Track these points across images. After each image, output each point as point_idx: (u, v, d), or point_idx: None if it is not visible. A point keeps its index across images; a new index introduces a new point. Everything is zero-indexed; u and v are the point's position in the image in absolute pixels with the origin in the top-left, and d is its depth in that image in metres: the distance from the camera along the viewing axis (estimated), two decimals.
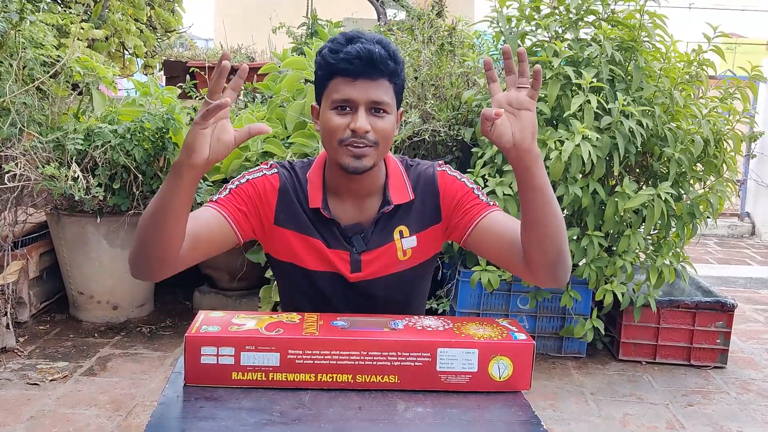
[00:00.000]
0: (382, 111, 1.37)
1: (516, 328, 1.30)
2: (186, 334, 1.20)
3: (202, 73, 4.67)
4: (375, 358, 1.21)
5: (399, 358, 1.21)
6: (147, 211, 1.28)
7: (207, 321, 1.26)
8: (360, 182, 1.45)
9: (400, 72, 1.41)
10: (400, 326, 1.27)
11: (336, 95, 1.37)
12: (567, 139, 2.80)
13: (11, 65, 3.10)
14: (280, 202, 1.47)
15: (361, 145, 1.36)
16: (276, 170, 1.49)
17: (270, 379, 1.20)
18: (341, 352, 1.20)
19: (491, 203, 1.48)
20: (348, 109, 1.37)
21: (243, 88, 4.59)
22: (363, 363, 1.21)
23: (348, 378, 1.21)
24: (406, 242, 1.49)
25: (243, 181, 1.46)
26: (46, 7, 3.88)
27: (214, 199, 1.44)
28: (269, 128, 1.19)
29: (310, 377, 1.21)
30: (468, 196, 1.48)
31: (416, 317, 1.33)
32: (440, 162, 1.56)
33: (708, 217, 3.16)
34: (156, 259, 1.34)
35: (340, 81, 1.36)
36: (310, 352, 1.20)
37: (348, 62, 1.34)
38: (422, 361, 1.21)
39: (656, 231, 3.23)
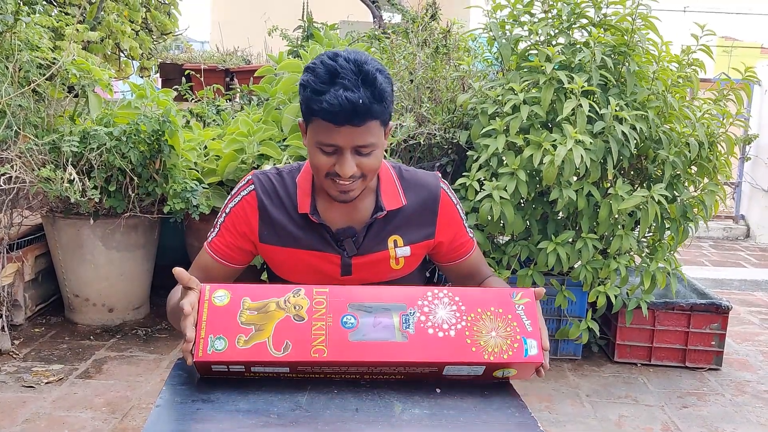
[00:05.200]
0: (368, 150, 1.35)
1: (530, 326, 1.22)
2: (194, 360, 1.16)
3: (198, 75, 4.67)
4: (383, 371, 1.22)
5: (406, 369, 1.21)
6: (170, 306, 1.47)
7: (212, 323, 1.18)
8: None
9: (388, 106, 1.35)
10: (411, 328, 1.19)
11: (320, 138, 1.34)
12: (560, 143, 2.81)
13: (7, 67, 3.10)
14: (261, 220, 1.48)
15: (347, 183, 1.37)
16: (253, 186, 1.49)
17: (281, 377, 1.23)
18: (349, 368, 1.20)
19: (472, 237, 1.61)
20: (333, 149, 1.34)
21: (239, 90, 4.59)
22: (371, 372, 1.22)
23: (355, 377, 1.24)
24: (399, 251, 1.51)
25: (227, 211, 1.50)
26: (41, 9, 3.88)
27: (209, 240, 1.51)
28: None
29: (320, 376, 1.24)
30: (460, 232, 1.57)
31: (428, 305, 1.22)
32: (439, 175, 1.58)
33: (701, 220, 3.17)
34: None
35: (323, 124, 1.32)
36: (318, 367, 1.19)
37: (330, 113, 1.29)
38: (429, 371, 1.22)
39: (651, 234, 3.24)
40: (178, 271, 1.20)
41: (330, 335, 1.17)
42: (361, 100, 1.28)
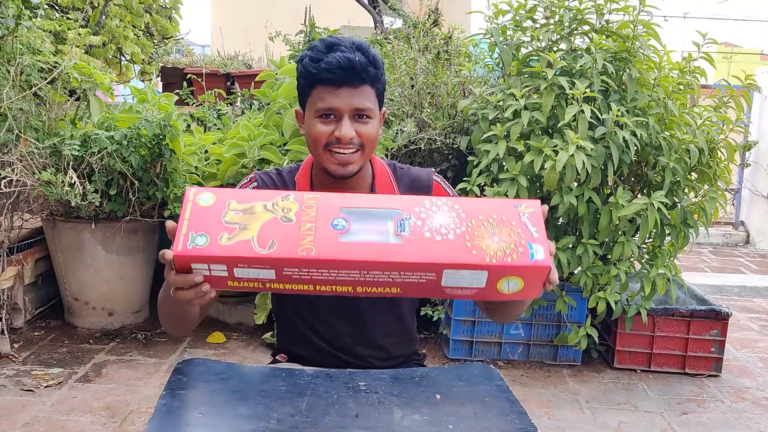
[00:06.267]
0: (365, 116, 1.41)
1: (536, 233, 1.12)
2: (173, 253, 1.07)
3: (199, 79, 4.68)
4: (376, 276, 1.10)
5: (402, 276, 1.10)
6: (160, 300, 1.38)
7: (195, 221, 1.10)
8: (347, 183, 1.48)
9: (381, 76, 1.44)
10: (406, 232, 1.10)
11: (320, 104, 1.40)
12: (561, 149, 2.82)
13: (8, 71, 3.10)
14: None
15: (347, 152, 1.41)
16: (256, 184, 1.53)
17: (267, 287, 1.13)
18: (340, 271, 1.09)
19: None
20: (332, 116, 1.41)
21: (240, 94, 4.60)
22: (363, 279, 1.11)
23: (348, 289, 1.13)
24: None
25: None
26: (43, 13, 3.88)
27: None
28: None
29: (308, 287, 1.12)
30: None
31: (426, 212, 1.14)
32: (434, 171, 1.60)
33: (701, 226, 3.18)
34: (183, 331, 1.44)
35: (322, 90, 1.39)
36: (306, 269, 1.09)
37: (329, 72, 1.37)
38: (427, 279, 1.11)
39: (651, 240, 3.25)
40: (170, 224, 1.13)
41: (319, 234, 1.09)
42: (358, 58, 1.37)
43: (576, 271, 3.10)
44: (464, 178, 3.09)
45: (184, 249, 1.07)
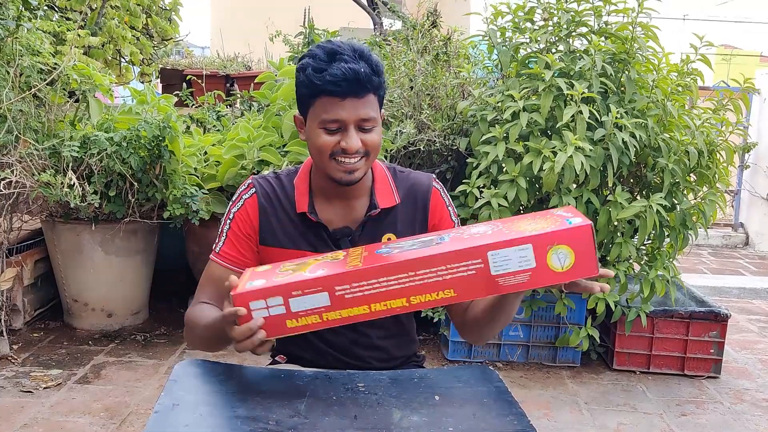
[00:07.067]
0: (370, 126, 1.41)
1: (571, 213, 1.19)
2: (232, 293, 1.19)
3: (199, 81, 4.68)
4: (425, 276, 1.15)
5: (449, 271, 1.15)
6: (197, 335, 1.45)
7: (252, 276, 1.25)
8: (347, 187, 1.48)
9: (383, 82, 1.44)
10: (446, 239, 1.21)
11: (325, 115, 1.38)
12: (560, 150, 2.82)
13: (8, 72, 3.10)
14: (262, 221, 1.51)
15: (353, 161, 1.40)
16: (254, 189, 1.53)
17: (324, 319, 1.19)
18: (389, 278, 1.15)
19: None
20: (337, 127, 1.39)
21: (240, 95, 4.60)
22: (414, 284, 1.16)
23: (403, 302, 1.17)
24: None
25: (231, 217, 1.52)
26: (42, 14, 3.89)
27: (217, 251, 1.52)
28: None
29: (363, 309, 1.18)
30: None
31: (463, 227, 1.28)
32: (434, 176, 1.60)
33: (700, 228, 3.18)
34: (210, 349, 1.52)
35: (327, 101, 1.38)
36: (357, 284, 1.16)
37: (335, 84, 1.35)
38: (475, 268, 1.15)
39: (650, 241, 3.25)
40: (233, 279, 1.24)
41: (365, 259, 1.20)
42: (362, 70, 1.35)
43: None
44: (464, 180, 3.09)
45: (242, 289, 1.19)
